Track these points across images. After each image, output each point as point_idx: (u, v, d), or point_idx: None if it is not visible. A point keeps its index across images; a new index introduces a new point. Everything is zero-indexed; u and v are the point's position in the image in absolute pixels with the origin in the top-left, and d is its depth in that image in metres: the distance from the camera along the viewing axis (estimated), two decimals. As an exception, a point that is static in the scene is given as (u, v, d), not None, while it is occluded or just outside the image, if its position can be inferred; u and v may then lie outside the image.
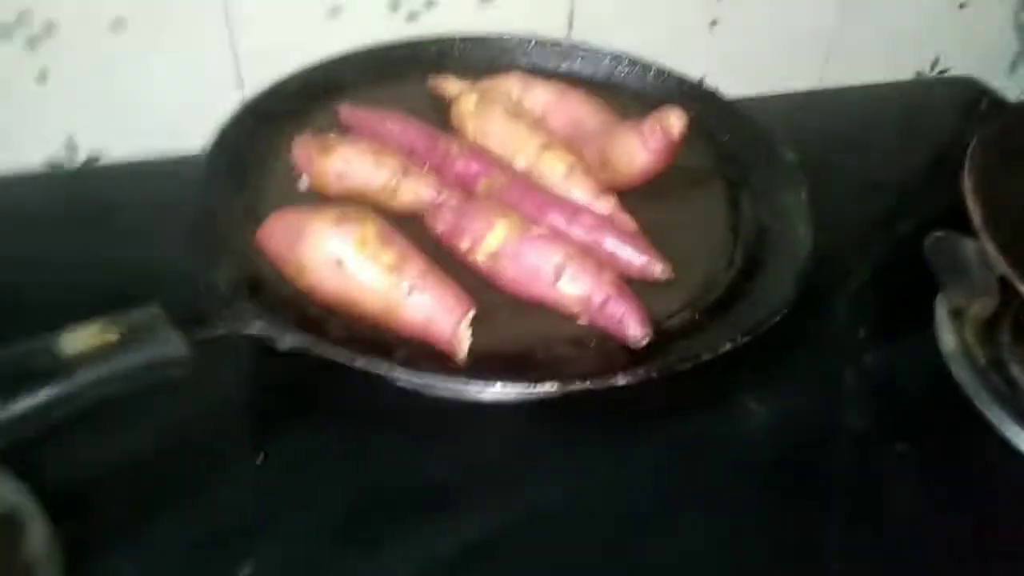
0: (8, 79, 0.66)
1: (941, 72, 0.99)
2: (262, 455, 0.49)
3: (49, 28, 0.65)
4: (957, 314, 0.59)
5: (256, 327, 0.45)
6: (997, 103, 0.93)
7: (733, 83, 0.87)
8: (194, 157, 0.62)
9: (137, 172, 0.72)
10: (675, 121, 0.52)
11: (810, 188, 0.60)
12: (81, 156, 0.72)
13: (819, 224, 0.57)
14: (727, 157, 0.65)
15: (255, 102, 0.64)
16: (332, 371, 0.45)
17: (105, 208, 0.67)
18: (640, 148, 0.54)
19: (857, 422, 0.55)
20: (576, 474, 0.50)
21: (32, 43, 0.65)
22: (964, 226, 0.54)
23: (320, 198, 0.56)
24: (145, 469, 0.48)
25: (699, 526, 0.48)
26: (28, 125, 0.69)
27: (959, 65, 0.99)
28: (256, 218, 0.54)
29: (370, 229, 0.46)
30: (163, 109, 0.72)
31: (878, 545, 0.48)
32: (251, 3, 0.69)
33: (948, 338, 0.58)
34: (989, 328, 0.58)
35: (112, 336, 0.40)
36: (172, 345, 0.42)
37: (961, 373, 0.56)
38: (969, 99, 0.96)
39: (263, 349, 0.46)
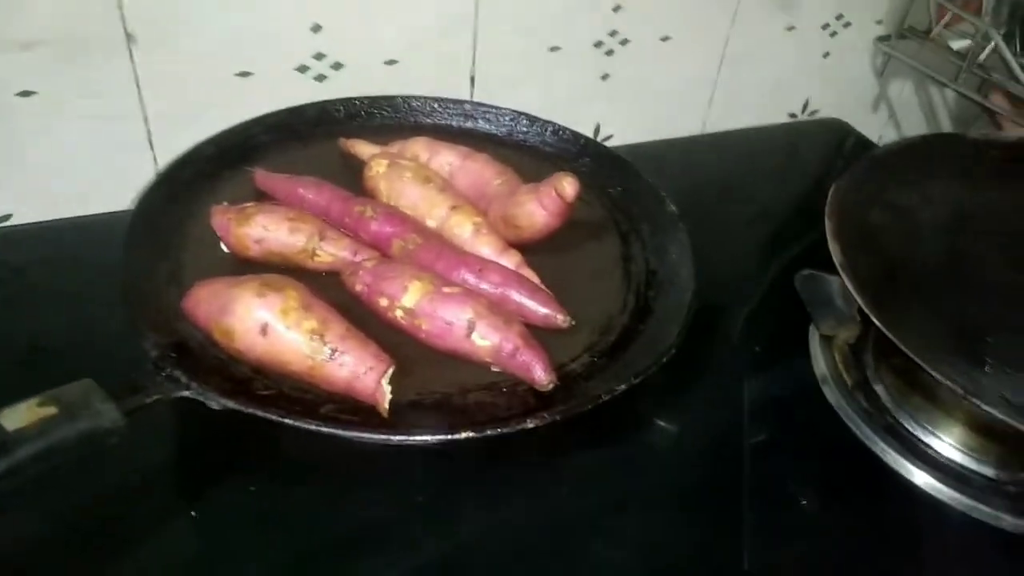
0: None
1: (811, 113, 1.08)
2: (193, 513, 0.51)
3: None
4: (827, 341, 0.66)
5: (188, 391, 0.47)
6: (861, 141, 1.04)
7: (625, 131, 0.95)
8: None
9: (48, 232, 0.72)
10: (568, 186, 0.57)
11: (694, 227, 0.65)
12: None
13: (704, 260, 0.63)
14: (619, 208, 0.70)
15: (172, 168, 0.65)
16: (261, 425, 0.47)
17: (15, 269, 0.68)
18: (539, 210, 0.59)
19: (745, 438, 0.60)
20: (501, 509, 0.54)
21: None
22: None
23: (240, 261, 0.59)
24: (83, 531, 0.50)
25: (623, 545, 0.52)
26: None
27: (827, 107, 1.08)
28: (179, 284, 0.56)
29: (291, 298, 0.50)
30: (73, 173, 0.72)
31: (778, 537, 0.54)
32: (160, 67, 0.70)
33: (820, 363, 0.65)
34: (855, 353, 0.65)
35: (50, 411, 0.42)
36: (107, 416, 0.44)
37: (831, 394, 0.63)
38: (836, 138, 1.05)
39: (189, 408, 0.48)
